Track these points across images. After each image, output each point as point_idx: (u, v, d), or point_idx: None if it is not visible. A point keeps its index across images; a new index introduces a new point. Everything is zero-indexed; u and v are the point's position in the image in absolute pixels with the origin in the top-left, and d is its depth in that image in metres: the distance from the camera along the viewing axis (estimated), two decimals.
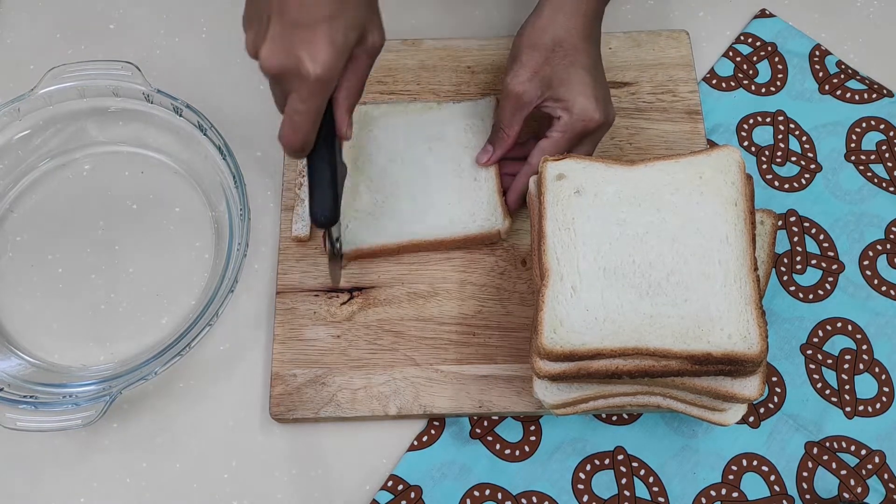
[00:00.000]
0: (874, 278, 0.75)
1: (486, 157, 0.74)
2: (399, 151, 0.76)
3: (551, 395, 0.63)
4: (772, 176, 0.79)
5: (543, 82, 0.69)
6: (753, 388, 0.61)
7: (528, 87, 0.69)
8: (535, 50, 0.69)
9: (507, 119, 0.71)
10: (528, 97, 0.69)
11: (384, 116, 0.77)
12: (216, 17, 0.85)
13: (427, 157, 0.76)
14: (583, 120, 0.68)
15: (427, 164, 0.75)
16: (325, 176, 0.62)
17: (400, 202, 0.74)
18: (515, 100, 0.70)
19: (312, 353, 0.71)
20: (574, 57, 0.69)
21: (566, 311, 0.61)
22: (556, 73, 0.69)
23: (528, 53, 0.69)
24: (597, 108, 0.68)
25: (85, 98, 0.76)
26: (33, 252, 0.76)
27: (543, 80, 0.69)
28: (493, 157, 0.73)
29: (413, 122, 0.77)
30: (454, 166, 0.75)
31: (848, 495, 0.69)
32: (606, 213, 0.64)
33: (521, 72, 0.69)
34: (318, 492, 0.69)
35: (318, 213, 0.62)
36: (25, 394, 0.67)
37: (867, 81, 0.82)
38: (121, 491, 0.69)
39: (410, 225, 0.73)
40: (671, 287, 0.61)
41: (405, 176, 0.75)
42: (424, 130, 0.77)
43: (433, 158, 0.76)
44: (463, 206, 0.74)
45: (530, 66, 0.69)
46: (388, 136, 0.77)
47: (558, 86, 0.68)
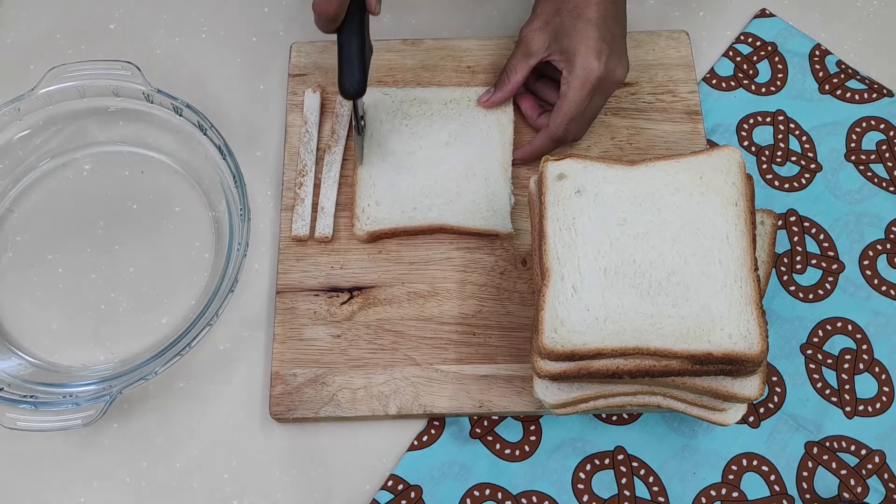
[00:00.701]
0: (874, 278, 0.75)
1: (487, 97, 0.76)
2: (420, 136, 0.77)
3: (551, 394, 0.63)
4: (772, 176, 0.79)
5: (552, 33, 0.71)
6: (753, 388, 0.61)
7: (536, 35, 0.71)
8: (550, 1, 0.71)
9: (514, 64, 0.73)
10: (536, 46, 0.71)
11: (408, 102, 0.78)
12: (216, 17, 0.85)
13: (449, 145, 0.76)
14: (584, 70, 0.69)
15: (448, 152, 0.76)
16: (354, 49, 0.65)
17: (418, 185, 0.75)
18: (525, 46, 0.72)
19: (312, 352, 0.71)
20: (582, 10, 0.70)
21: (567, 310, 0.61)
22: (563, 25, 0.70)
23: (541, 4, 0.72)
24: (598, 59, 0.69)
25: (85, 98, 0.76)
26: (33, 252, 0.76)
27: (552, 31, 0.71)
28: (493, 99, 0.75)
29: (440, 109, 0.78)
30: (474, 160, 0.76)
31: (848, 495, 0.69)
32: (607, 213, 0.64)
33: (535, 21, 0.72)
34: (318, 491, 0.69)
35: (347, 85, 0.65)
36: (25, 393, 0.66)
37: (867, 81, 0.82)
38: (121, 491, 0.69)
39: (427, 209, 0.74)
40: (672, 287, 0.61)
41: (426, 160, 0.76)
42: (452, 117, 0.77)
43: (455, 147, 0.76)
44: (478, 202, 0.74)
45: (543, 16, 0.71)
46: (410, 119, 0.77)
47: (563, 37, 0.70)
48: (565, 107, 0.71)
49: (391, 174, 0.75)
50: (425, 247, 0.75)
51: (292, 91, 0.80)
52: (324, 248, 0.74)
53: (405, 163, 0.76)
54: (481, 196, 0.74)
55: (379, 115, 0.77)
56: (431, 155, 0.76)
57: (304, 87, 0.79)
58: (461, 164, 0.75)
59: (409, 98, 0.78)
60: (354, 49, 0.65)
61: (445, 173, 0.75)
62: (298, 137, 0.78)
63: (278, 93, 0.81)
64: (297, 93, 0.80)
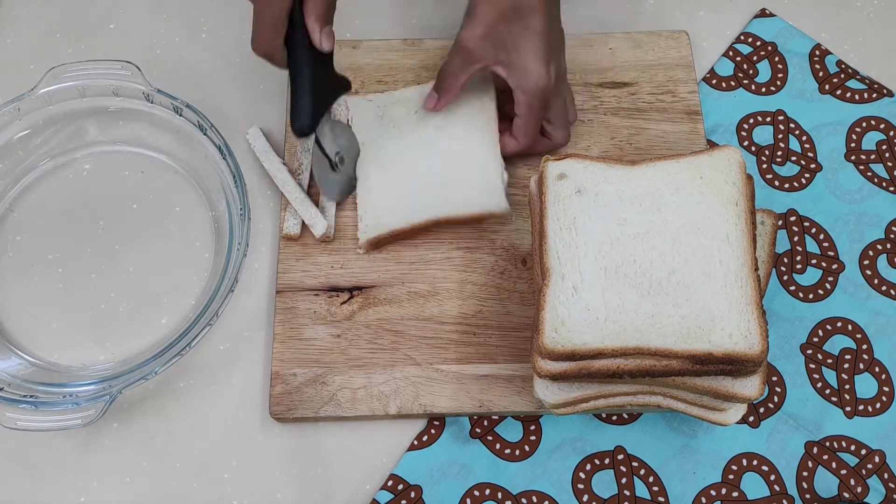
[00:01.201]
0: (874, 278, 0.75)
1: (431, 104, 0.74)
2: (407, 136, 0.76)
3: (552, 394, 0.63)
4: (772, 176, 0.79)
5: (496, 43, 0.68)
6: (754, 388, 0.61)
7: (480, 44, 0.69)
8: (490, 7, 0.68)
9: (455, 70, 0.71)
10: (479, 55, 0.69)
11: (391, 105, 0.78)
12: (216, 17, 0.85)
13: (435, 139, 0.76)
14: (537, 88, 0.68)
15: (435, 146, 0.76)
16: (304, 84, 0.64)
17: (411, 185, 0.74)
18: (467, 54, 0.70)
19: (312, 352, 0.71)
20: (528, 19, 0.67)
21: (567, 310, 0.61)
22: (511, 36, 0.68)
23: (484, 9, 0.68)
24: (547, 73, 0.68)
25: (85, 98, 0.76)
26: (33, 252, 0.76)
27: (496, 40, 0.68)
28: (438, 104, 0.74)
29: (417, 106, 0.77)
30: (461, 147, 0.75)
31: (848, 495, 0.69)
32: (607, 213, 0.64)
33: (474, 26, 0.68)
34: (318, 491, 0.69)
35: (294, 122, 0.65)
36: (25, 393, 0.66)
37: (867, 81, 0.82)
38: (121, 491, 0.69)
39: (423, 206, 0.73)
40: (672, 287, 0.61)
41: (415, 159, 0.75)
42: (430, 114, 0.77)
43: (442, 139, 0.76)
44: (471, 187, 0.74)
45: (484, 22, 0.68)
46: (395, 122, 0.77)
47: (511, 50, 0.68)
48: (524, 125, 0.70)
49: (384, 180, 0.75)
50: (425, 247, 0.75)
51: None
52: (324, 247, 0.74)
53: (396, 165, 0.75)
54: (473, 180, 0.74)
55: (367, 122, 0.77)
56: (420, 152, 0.76)
57: None
58: (449, 154, 0.75)
59: (391, 101, 0.78)
60: (304, 84, 0.63)
61: (436, 167, 0.75)
62: None
63: (278, 93, 0.81)
64: None
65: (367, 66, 0.81)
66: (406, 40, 0.82)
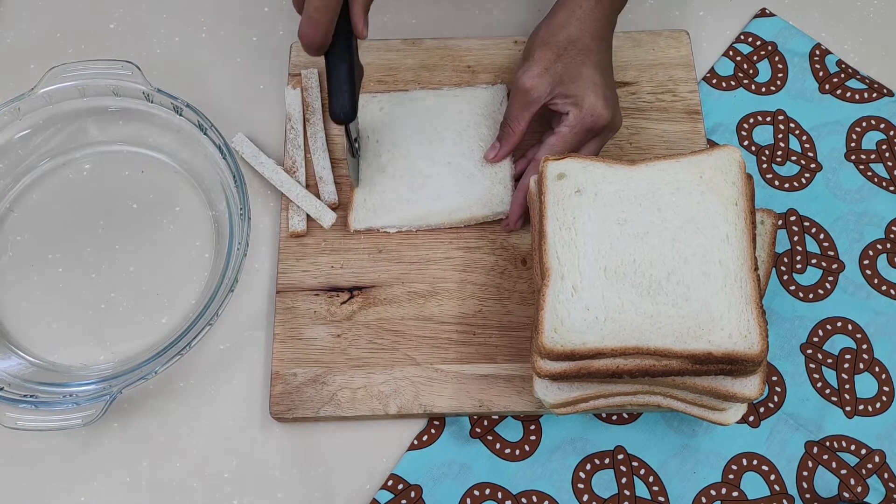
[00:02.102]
0: (874, 277, 0.75)
1: (493, 154, 0.74)
2: (413, 139, 0.77)
3: (552, 394, 0.63)
4: (772, 175, 0.79)
5: (554, 78, 0.70)
6: (753, 388, 0.61)
7: (537, 82, 0.70)
8: (547, 47, 0.70)
9: (516, 114, 0.72)
10: (538, 93, 0.70)
11: (398, 105, 0.78)
12: (216, 17, 0.85)
13: (441, 142, 0.77)
14: (592, 116, 0.69)
15: (441, 149, 0.76)
16: (343, 74, 0.64)
17: (415, 188, 0.75)
18: (524, 95, 0.70)
19: (312, 352, 0.71)
20: (586, 56, 0.69)
21: (567, 310, 0.61)
22: (568, 70, 0.69)
23: (540, 50, 0.70)
24: (605, 107, 0.69)
25: (85, 97, 0.76)
26: (33, 251, 0.76)
27: (554, 76, 0.70)
28: (499, 154, 0.74)
29: (426, 109, 0.78)
30: (469, 151, 0.76)
31: (848, 495, 0.69)
32: (607, 213, 0.64)
33: (533, 68, 0.70)
34: (318, 491, 0.69)
35: (337, 110, 0.65)
36: (26, 393, 0.67)
37: (867, 81, 0.82)
38: (121, 490, 0.69)
39: (426, 210, 0.74)
40: (672, 286, 0.61)
41: (419, 162, 0.76)
42: (439, 117, 0.78)
43: (448, 144, 0.76)
44: (477, 191, 0.75)
45: (542, 63, 0.70)
46: (402, 124, 0.77)
47: (569, 82, 0.69)
48: (559, 145, 0.70)
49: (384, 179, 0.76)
50: (425, 246, 0.75)
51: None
52: (324, 247, 0.74)
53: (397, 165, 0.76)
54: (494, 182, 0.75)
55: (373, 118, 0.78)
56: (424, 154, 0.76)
57: (287, 86, 0.80)
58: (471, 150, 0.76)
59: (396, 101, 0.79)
60: (343, 73, 0.64)
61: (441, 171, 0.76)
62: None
63: (278, 92, 0.81)
64: None
65: (367, 66, 0.81)
66: (406, 40, 0.82)
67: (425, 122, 0.77)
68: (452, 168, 0.76)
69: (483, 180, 0.75)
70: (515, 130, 0.72)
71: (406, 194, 0.75)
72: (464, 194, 0.75)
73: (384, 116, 0.78)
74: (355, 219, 0.74)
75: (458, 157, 0.76)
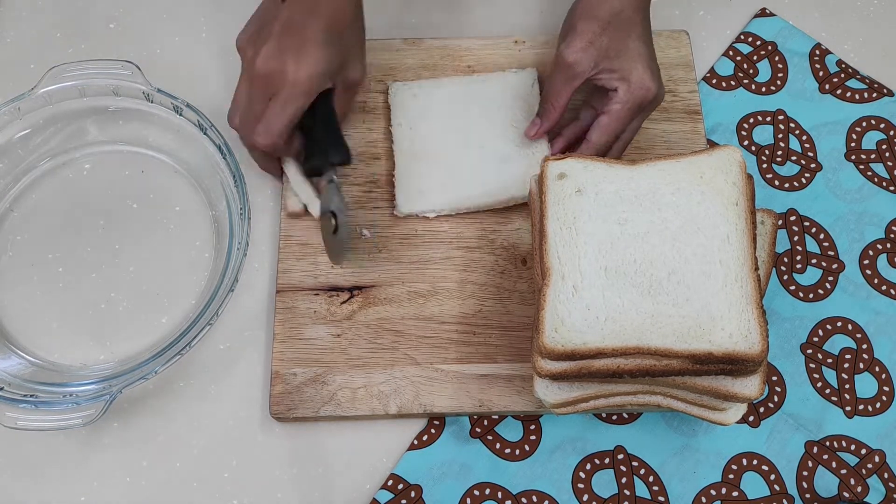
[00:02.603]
0: (874, 277, 0.75)
1: (534, 130, 0.73)
2: (445, 125, 0.77)
3: (552, 394, 0.63)
4: (772, 175, 0.79)
5: (600, 52, 0.68)
6: (754, 388, 0.61)
7: (582, 56, 0.68)
8: (591, 20, 0.68)
9: (557, 89, 0.70)
10: (582, 67, 0.68)
11: (430, 92, 0.79)
12: (216, 17, 0.85)
13: (474, 127, 0.77)
14: (641, 89, 0.68)
15: (475, 134, 0.77)
16: (329, 121, 0.67)
17: (451, 174, 0.75)
18: (567, 69, 0.69)
19: (312, 351, 0.71)
20: (630, 28, 0.68)
21: (567, 310, 0.61)
22: (613, 44, 0.68)
23: (584, 23, 0.68)
24: (653, 79, 0.68)
25: (85, 97, 0.75)
26: (33, 251, 0.76)
27: (600, 50, 0.68)
28: (540, 130, 0.73)
29: (457, 96, 0.78)
30: (502, 134, 0.77)
31: (848, 494, 0.69)
32: (608, 213, 0.64)
33: (577, 41, 0.68)
34: (318, 491, 0.69)
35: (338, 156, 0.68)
36: (26, 393, 0.66)
37: (867, 80, 0.82)
38: (121, 490, 0.69)
39: (464, 194, 0.75)
40: (672, 286, 0.61)
41: (456, 146, 0.76)
42: (470, 103, 0.78)
43: (481, 128, 0.77)
44: (513, 174, 0.75)
45: (586, 36, 0.68)
46: (435, 110, 0.78)
47: (615, 56, 0.68)
48: (613, 124, 0.69)
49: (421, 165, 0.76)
50: (425, 246, 0.75)
51: None
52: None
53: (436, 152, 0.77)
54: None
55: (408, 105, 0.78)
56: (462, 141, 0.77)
57: None
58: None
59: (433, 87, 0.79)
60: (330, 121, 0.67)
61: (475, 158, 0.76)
62: None
63: None
64: None
65: (368, 66, 0.81)
66: (406, 40, 0.82)
67: (457, 108, 0.78)
68: (486, 152, 0.76)
69: (520, 161, 0.75)
70: (556, 106, 0.71)
71: (442, 179, 0.75)
72: (500, 177, 0.75)
73: (417, 104, 0.78)
74: (399, 204, 0.75)
75: (492, 140, 0.76)
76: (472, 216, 0.75)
